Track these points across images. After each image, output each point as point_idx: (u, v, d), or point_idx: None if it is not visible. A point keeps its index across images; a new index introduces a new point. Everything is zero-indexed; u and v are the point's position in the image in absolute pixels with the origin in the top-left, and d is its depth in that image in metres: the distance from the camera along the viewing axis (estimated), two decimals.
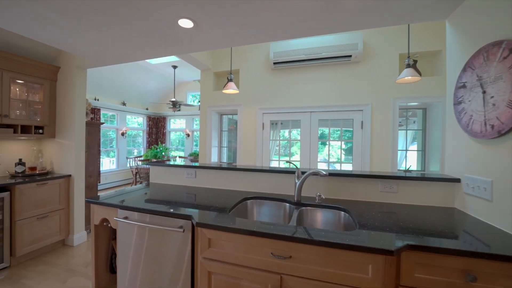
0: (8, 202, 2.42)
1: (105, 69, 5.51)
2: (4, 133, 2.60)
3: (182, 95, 7.76)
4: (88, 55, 2.56)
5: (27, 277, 2.29)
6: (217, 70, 3.90)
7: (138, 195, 1.84)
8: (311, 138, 3.38)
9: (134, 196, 1.80)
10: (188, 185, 2.20)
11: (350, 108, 3.21)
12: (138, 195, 1.82)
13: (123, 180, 6.93)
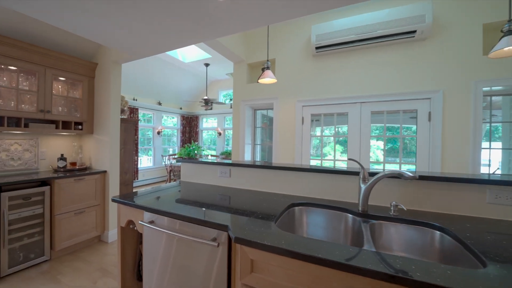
0: (49, 196, 2.44)
1: (142, 70, 5.66)
2: (47, 129, 2.66)
3: (214, 93, 7.71)
4: (122, 47, 2.47)
5: (63, 272, 2.25)
6: (251, 62, 3.60)
7: (169, 194, 1.60)
8: (362, 134, 2.86)
9: (164, 196, 1.58)
10: (221, 185, 1.92)
11: (414, 96, 2.62)
12: (169, 195, 1.59)
13: (159, 177, 7.11)
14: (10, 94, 2.45)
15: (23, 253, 2.28)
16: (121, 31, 2.12)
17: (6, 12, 2.28)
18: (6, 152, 2.56)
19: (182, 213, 1.20)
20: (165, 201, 1.44)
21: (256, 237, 0.91)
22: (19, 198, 2.24)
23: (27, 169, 2.71)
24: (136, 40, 2.29)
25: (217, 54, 5.44)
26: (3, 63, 2.34)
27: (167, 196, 1.58)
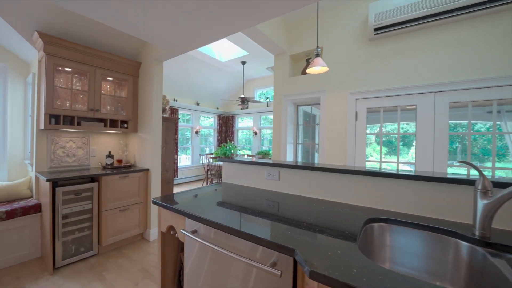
0: (97, 192, 2.50)
1: (182, 71, 5.78)
2: (96, 127, 2.75)
3: (250, 92, 7.58)
4: (164, 41, 2.40)
5: (108, 269, 2.26)
6: (293, 53, 3.29)
7: (211, 198, 1.41)
8: (436, 130, 2.32)
9: (206, 200, 1.38)
10: (268, 189, 1.67)
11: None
12: (211, 199, 1.39)
13: (197, 176, 7.25)
14: (66, 94, 2.58)
15: (75, 246, 2.36)
16: (163, 23, 2.02)
17: (63, 17, 2.39)
18: (62, 149, 2.72)
19: (231, 226, 0.97)
20: (208, 207, 1.24)
21: (346, 274, 0.62)
22: (71, 194, 2.32)
23: (80, 165, 2.85)
24: (178, 32, 2.19)
25: (254, 50, 5.26)
26: (61, 65, 2.47)
27: (210, 200, 1.38)
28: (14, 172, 2.91)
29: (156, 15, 1.89)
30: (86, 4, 1.77)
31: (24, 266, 2.31)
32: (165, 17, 1.92)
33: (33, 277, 2.12)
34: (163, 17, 1.92)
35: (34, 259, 2.43)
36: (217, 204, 1.31)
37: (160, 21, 2.00)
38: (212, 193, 1.58)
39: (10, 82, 2.91)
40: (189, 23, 2.00)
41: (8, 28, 2.40)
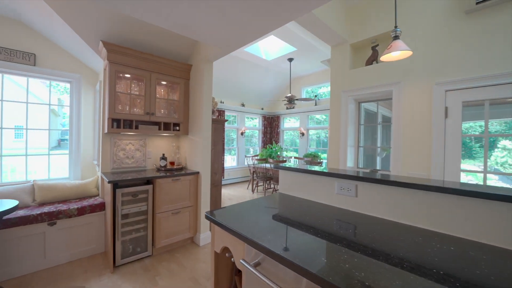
0: (151, 194, 2.53)
1: (228, 72, 5.79)
2: (152, 130, 2.82)
3: (296, 91, 7.19)
4: (214, 38, 2.27)
5: (160, 274, 2.24)
6: (356, 41, 2.83)
7: (270, 216, 1.15)
8: None
9: (265, 219, 1.14)
10: (340, 207, 1.33)
11: None
12: (270, 216, 1.14)
13: (242, 177, 7.22)
14: (126, 99, 2.70)
15: (132, 246, 2.43)
16: (215, 18, 1.87)
17: (123, 25, 2.49)
18: (123, 151, 2.87)
19: (312, 270, 0.69)
20: (271, 229, 0.99)
21: None
22: (129, 195, 2.39)
23: (137, 166, 2.98)
24: (229, 26, 2.02)
25: (303, 45, 4.89)
26: (121, 72, 2.58)
27: (269, 218, 1.13)
28: (86, 171, 3.22)
29: (207, 10, 1.75)
30: (142, 8, 1.73)
31: (91, 259, 2.48)
32: (217, 12, 1.76)
33: (97, 273, 2.23)
34: (214, 12, 1.77)
35: (99, 254, 2.60)
36: (279, 221, 1.04)
37: (211, 17, 1.86)
38: (270, 207, 1.33)
39: (83, 91, 3.23)
40: (241, 14, 1.80)
41: (81, 43, 2.62)
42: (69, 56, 3.09)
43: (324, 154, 6.67)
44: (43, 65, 2.90)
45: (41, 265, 2.28)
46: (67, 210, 2.40)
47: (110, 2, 1.66)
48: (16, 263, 2.16)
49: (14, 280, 2.11)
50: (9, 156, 2.97)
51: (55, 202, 2.62)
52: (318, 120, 7.04)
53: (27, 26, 2.79)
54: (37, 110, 3.35)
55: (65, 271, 2.27)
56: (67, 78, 3.11)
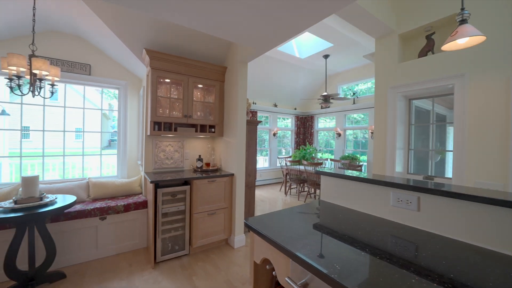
0: (189, 195, 2.60)
1: (260, 73, 5.75)
2: (189, 132, 2.91)
3: (332, 89, 6.82)
4: (249, 38, 2.23)
5: (197, 274, 2.27)
6: (406, 30, 2.51)
7: (314, 226, 1.04)
8: None
9: (308, 229, 1.03)
10: (397, 222, 1.15)
11: None
12: (313, 229, 1.02)
13: (275, 178, 7.12)
14: (166, 103, 2.82)
15: (171, 244, 2.51)
16: (250, 17, 1.82)
17: (163, 32, 2.60)
18: (163, 152, 3.01)
19: None
20: (316, 242, 0.87)
21: None
22: (168, 195, 2.48)
23: (176, 167, 3.10)
24: (265, 25, 1.95)
25: (341, 39, 4.60)
26: (162, 77, 2.71)
27: (311, 228, 1.01)
28: (131, 170, 3.48)
29: (244, 11, 1.70)
30: (179, 13, 1.76)
31: (135, 254, 2.64)
32: (254, 11, 1.70)
33: (140, 267, 2.36)
34: (251, 12, 1.71)
35: (142, 249, 2.76)
36: (327, 234, 0.92)
37: (248, 17, 1.81)
38: (313, 217, 1.21)
39: (129, 96, 3.50)
40: (279, 11, 1.71)
41: (127, 52, 2.83)
42: (117, 65, 3.37)
43: (363, 156, 6.19)
44: (97, 74, 3.21)
45: (93, 255, 2.50)
46: (115, 206, 2.59)
47: (155, 12, 1.72)
48: (73, 252, 2.40)
49: (73, 267, 2.35)
50: (71, 155, 3.36)
51: (105, 198, 2.86)
52: (356, 120, 6.57)
53: (84, 40, 3.12)
54: (91, 114, 3.74)
55: (112, 262, 2.46)
56: (115, 85, 3.40)
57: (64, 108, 3.22)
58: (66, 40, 2.99)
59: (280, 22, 1.88)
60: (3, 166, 2.91)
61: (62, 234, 2.33)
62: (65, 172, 3.32)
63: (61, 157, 3.29)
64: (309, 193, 5.14)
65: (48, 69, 2.02)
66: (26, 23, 2.46)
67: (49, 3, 2.30)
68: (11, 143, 3.16)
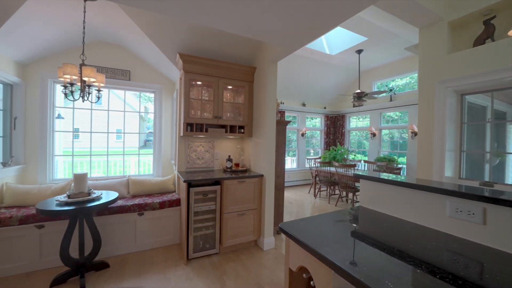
0: (219, 194, 2.63)
1: (287, 72, 5.64)
2: (219, 133, 2.95)
3: (366, 86, 6.41)
4: (280, 38, 2.17)
5: (227, 273, 2.29)
6: (457, 17, 2.23)
7: (356, 235, 0.95)
8: None
9: (348, 237, 0.94)
10: (456, 235, 1.00)
11: None
12: (356, 235, 0.93)
13: (303, 180, 6.95)
14: (197, 104, 2.90)
15: (202, 242, 2.57)
16: (280, 15, 1.76)
17: (195, 35, 2.68)
18: (195, 152, 3.11)
19: None
20: (360, 253, 0.79)
21: None
22: (200, 194, 2.54)
23: (206, 167, 3.18)
24: (296, 23, 1.88)
25: (376, 32, 4.29)
26: (194, 80, 2.79)
27: (353, 236, 0.92)
28: (165, 169, 3.66)
29: (272, 8, 1.66)
30: (213, 17, 1.78)
31: (169, 249, 2.76)
32: (283, 8, 1.65)
33: (174, 263, 2.46)
34: (280, 9, 1.66)
35: (175, 245, 2.88)
36: (372, 245, 0.83)
37: (277, 14, 1.76)
38: (353, 224, 1.11)
39: (163, 99, 3.69)
40: (312, 6, 1.63)
41: (161, 58, 2.98)
42: (153, 70, 3.57)
43: (401, 158, 5.71)
44: (135, 79, 3.45)
45: (132, 248, 2.68)
46: (151, 203, 2.74)
47: (191, 17, 1.77)
48: (115, 244, 2.59)
49: (115, 258, 2.54)
50: (113, 154, 3.66)
51: (143, 195, 3.05)
52: (392, 118, 6.09)
53: (124, 48, 3.36)
54: (130, 116, 4.02)
55: (149, 256, 2.60)
56: (152, 89, 3.61)
57: (108, 112, 3.52)
58: (109, 49, 3.26)
59: (312, 18, 1.79)
60: (59, 163, 3.28)
61: (106, 227, 2.53)
62: (108, 170, 3.63)
63: (105, 156, 3.60)
64: (341, 196, 4.90)
65: (95, 76, 2.22)
66: (77, 36, 2.73)
67: (96, 17, 2.52)
68: (65, 143, 3.55)
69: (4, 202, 2.47)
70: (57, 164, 3.18)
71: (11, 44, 2.43)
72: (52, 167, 3.06)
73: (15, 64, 2.70)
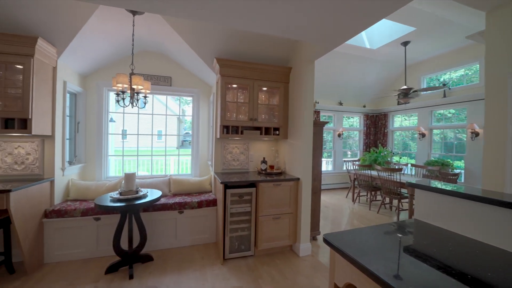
0: (254, 197, 2.63)
1: (323, 70, 5.39)
2: (254, 134, 2.95)
3: (413, 81, 5.79)
4: (318, 36, 2.06)
5: (262, 277, 2.26)
6: None
7: (416, 254, 0.82)
8: None
9: (406, 260, 0.83)
10: None
11: None
12: (417, 255, 0.81)
13: (339, 183, 6.59)
14: (233, 107, 2.95)
15: (237, 243, 2.60)
16: (319, 12, 1.67)
17: (231, 40, 2.73)
18: (230, 154, 3.17)
19: None
20: (422, 275, 0.67)
21: None
22: (236, 196, 2.57)
23: (241, 169, 3.21)
24: (338, 18, 1.76)
25: (427, 21, 3.83)
26: (230, 83, 2.84)
27: (411, 254, 0.80)
28: (202, 170, 3.80)
29: (311, 6, 1.57)
30: (246, 20, 1.77)
31: (206, 247, 2.85)
32: (323, 4, 1.55)
33: (210, 262, 2.53)
34: (319, 5, 1.56)
35: (211, 243, 2.96)
36: (433, 266, 0.70)
37: (316, 12, 1.66)
38: (408, 240, 0.98)
39: (201, 102, 3.84)
40: None
41: (199, 63, 3.10)
42: (191, 75, 3.74)
43: (457, 162, 5.01)
44: (176, 84, 3.66)
45: (173, 244, 2.84)
46: (190, 202, 2.87)
47: (229, 22, 1.80)
48: (158, 239, 2.77)
49: (157, 252, 2.71)
50: (156, 155, 3.95)
51: (182, 194, 3.21)
52: (445, 116, 5.38)
53: (166, 56, 3.59)
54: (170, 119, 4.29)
55: (188, 252, 2.72)
56: (190, 93, 3.79)
57: (152, 116, 3.81)
58: (152, 57, 3.52)
59: (358, 11, 1.66)
60: (111, 162, 3.66)
61: (150, 223, 2.72)
62: (152, 169, 3.92)
63: (149, 156, 3.90)
64: (384, 203, 4.50)
65: (142, 83, 2.40)
66: (126, 47, 3.01)
67: (142, 29, 2.74)
68: (115, 144, 3.95)
69: (70, 196, 2.84)
70: (109, 163, 3.55)
71: (77, 59, 2.78)
72: (106, 165, 3.43)
73: (78, 76, 3.08)
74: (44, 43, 2.28)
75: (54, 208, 2.47)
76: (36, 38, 2.17)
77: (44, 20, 2.23)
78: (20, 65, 2.19)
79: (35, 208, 2.32)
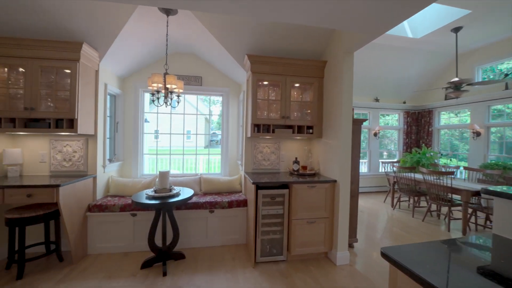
0: (287, 199, 2.49)
1: (357, 64, 5.01)
2: (286, 133, 2.82)
3: (465, 71, 5.11)
4: (360, 23, 1.85)
5: (297, 285, 2.13)
6: None
7: (492, 280, 0.62)
8: None
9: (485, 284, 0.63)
10: None
11: None
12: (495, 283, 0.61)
13: (375, 186, 6.11)
14: (264, 105, 2.85)
15: (269, 246, 2.49)
16: None
17: (261, 35, 2.62)
18: (261, 153, 3.07)
19: None
20: None
21: None
22: (267, 197, 2.46)
23: (272, 168, 3.09)
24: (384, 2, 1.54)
25: (485, 2, 3.30)
26: (261, 80, 2.75)
27: (497, 280, 0.60)
28: (232, 169, 3.77)
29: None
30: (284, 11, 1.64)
31: (236, 248, 2.79)
32: None
33: (241, 264, 2.45)
34: None
35: (242, 244, 2.90)
36: None
37: None
38: (488, 260, 0.77)
39: (230, 101, 3.82)
40: None
41: (229, 61, 3.05)
42: (221, 74, 3.73)
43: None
44: (206, 84, 3.68)
45: (204, 243, 2.83)
46: (220, 202, 2.84)
47: (261, 16, 1.70)
48: (190, 237, 2.79)
49: (189, 250, 2.73)
50: (187, 154, 4.03)
51: (212, 193, 3.21)
52: (503, 112, 4.63)
53: (196, 56, 3.63)
54: (199, 120, 4.36)
55: (218, 252, 2.69)
56: (220, 92, 3.78)
57: (183, 116, 3.89)
58: (183, 58, 3.58)
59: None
60: (145, 160, 3.83)
61: (182, 221, 2.75)
62: (183, 168, 4.01)
63: (181, 155, 3.99)
64: (430, 210, 4.01)
65: (176, 83, 2.42)
66: (160, 49, 3.09)
67: (175, 29, 2.78)
68: (148, 143, 4.12)
69: (110, 191, 3.00)
70: (144, 161, 3.70)
71: (115, 62, 2.93)
72: (142, 163, 3.58)
73: (117, 78, 3.25)
74: (88, 48, 2.42)
75: (96, 203, 2.62)
76: (81, 44, 2.31)
77: (87, 26, 2.36)
78: (68, 70, 2.35)
79: (80, 202, 2.48)
